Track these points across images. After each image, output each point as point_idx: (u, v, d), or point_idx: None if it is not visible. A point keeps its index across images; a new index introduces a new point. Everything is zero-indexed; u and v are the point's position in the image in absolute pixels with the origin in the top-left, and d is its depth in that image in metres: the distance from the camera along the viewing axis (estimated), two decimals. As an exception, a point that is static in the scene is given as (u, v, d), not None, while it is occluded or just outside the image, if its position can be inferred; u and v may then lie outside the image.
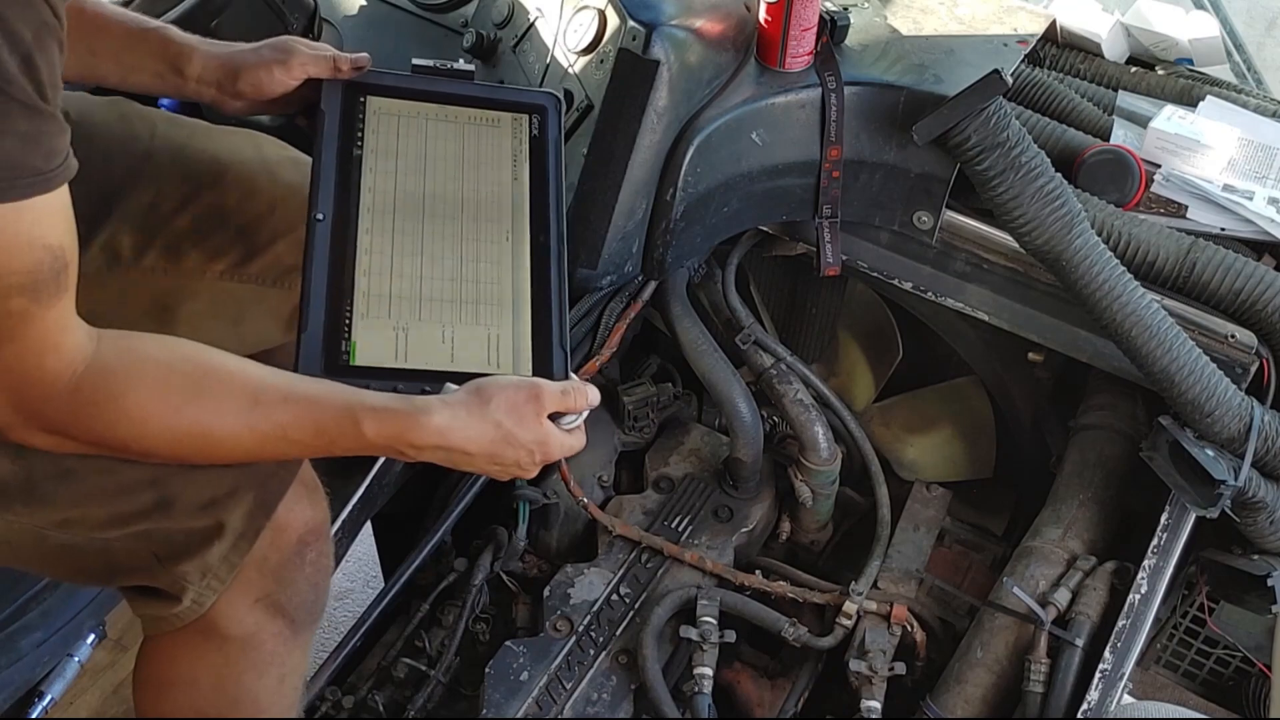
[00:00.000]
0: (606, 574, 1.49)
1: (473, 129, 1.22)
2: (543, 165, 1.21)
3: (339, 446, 0.99)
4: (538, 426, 1.03)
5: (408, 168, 1.17)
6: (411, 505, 1.61)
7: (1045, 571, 1.43)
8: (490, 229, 1.16)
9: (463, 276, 1.13)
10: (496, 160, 1.20)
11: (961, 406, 1.75)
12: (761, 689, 1.52)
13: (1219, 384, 1.32)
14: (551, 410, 1.04)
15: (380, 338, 1.07)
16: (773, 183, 1.45)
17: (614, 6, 1.39)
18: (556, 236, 1.17)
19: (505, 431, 1.01)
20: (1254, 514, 1.36)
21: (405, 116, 1.20)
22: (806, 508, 1.62)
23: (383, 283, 1.10)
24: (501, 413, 1.01)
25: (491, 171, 1.20)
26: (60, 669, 1.59)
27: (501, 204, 1.18)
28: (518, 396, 1.02)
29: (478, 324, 1.11)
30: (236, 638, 1.13)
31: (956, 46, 1.45)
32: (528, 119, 1.23)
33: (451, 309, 1.11)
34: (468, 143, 1.21)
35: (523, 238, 1.16)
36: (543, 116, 1.23)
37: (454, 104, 1.22)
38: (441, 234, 1.15)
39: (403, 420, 0.98)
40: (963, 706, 1.39)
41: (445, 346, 1.09)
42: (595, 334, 1.63)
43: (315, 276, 1.08)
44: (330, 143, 1.15)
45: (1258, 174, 1.45)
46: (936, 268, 1.50)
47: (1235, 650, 1.53)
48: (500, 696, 1.35)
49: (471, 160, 1.20)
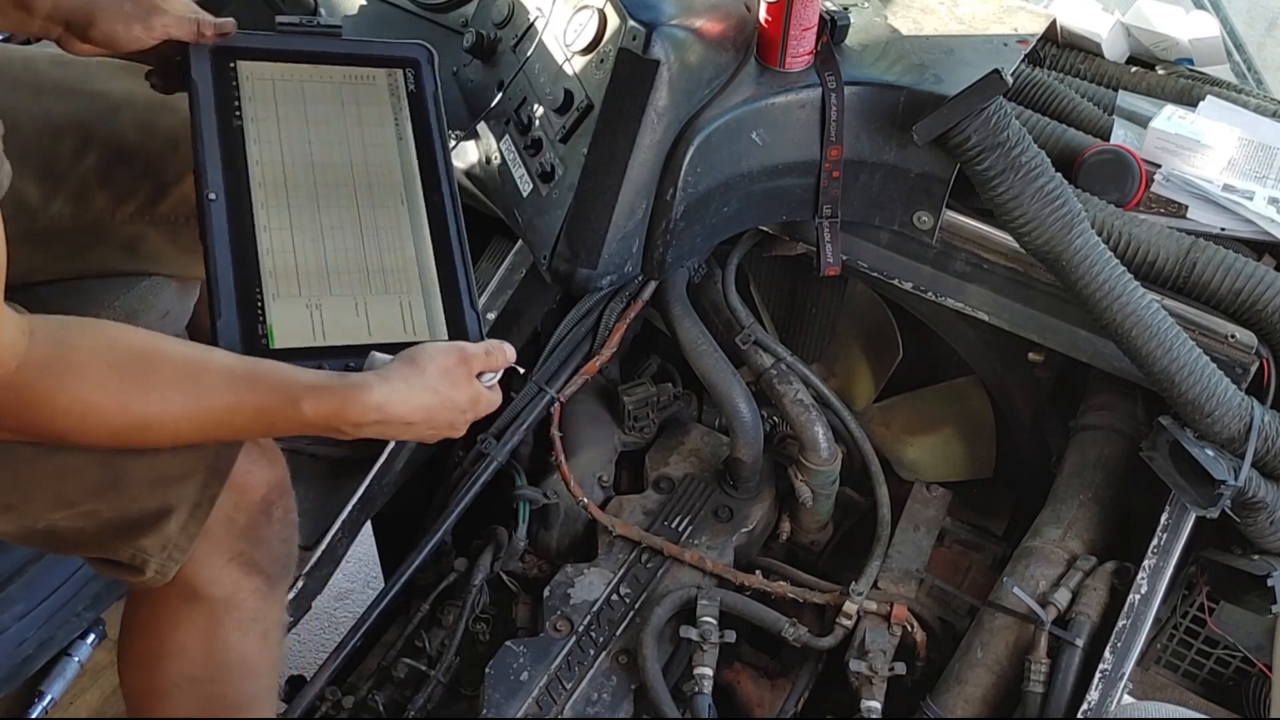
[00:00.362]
0: (606, 574, 1.49)
1: (349, 89, 1.20)
2: (424, 122, 1.19)
3: (278, 429, 1.01)
4: (469, 387, 1.05)
5: (291, 136, 1.15)
6: (411, 505, 1.61)
7: (1045, 571, 1.43)
8: (384, 195, 1.16)
9: (365, 246, 1.13)
10: (378, 121, 1.19)
11: (961, 406, 1.75)
12: (761, 689, 1.52)
13: (1219, 384, 1.32)
14: (479, 370, 1.06)
15: (296, 317, 1.07)
16: (773, 183, 1.45)
17: (614, 6, 1.39)
18: (449, 195, 1.16)
19: (442, 396, 1.03)
20: (1254, 514, 1.36)
21: (280, 80, 1.18)
22: (806, 508, 1.62)
23: (287, 260, 1.09)
24: (436, 379, 1.03)
25: (376, 134, 1.18)
26: (60, 669, 1.59)
27: (390, 168, 1.17)
28: (449, 361, 1.04)
29: (388, 292, 1.11)
30: (217, 599, 1.14)
31: (956, 46, 1.45)
32: (402, 74, 1.21)
33: (360, 280, 1.11)
34: (347, 105, 1.19)
35: (417, 200, 1.16)
36: (416, 70, 1.22)
37: (326, 63, 1.20)
38: (337, 205, 1.14)
39: (340, 398, 0.99)
40: (963, 706, 1.39)
41: (361, 319, 1.09)
42: (595, 334, 1.63)
43: (219, 259, 1.06)
44: (208, 114, 1.12)
45: (1258, 174, 1.45)
46: (936, 268, 1.50)
47: (1235, 650, 1.53)
48: (500, 696, 1.35)
49: (354, 124, 1.18)
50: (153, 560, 1.08)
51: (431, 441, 1.12)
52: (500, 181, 1.56)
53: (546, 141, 1.46)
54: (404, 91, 1.21)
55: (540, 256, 1.44)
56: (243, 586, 1.16)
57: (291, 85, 1.18)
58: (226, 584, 1.15)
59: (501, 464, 1.55)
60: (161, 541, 1.08)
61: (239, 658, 1.17)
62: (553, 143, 1.45)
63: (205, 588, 1.13)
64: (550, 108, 1.46)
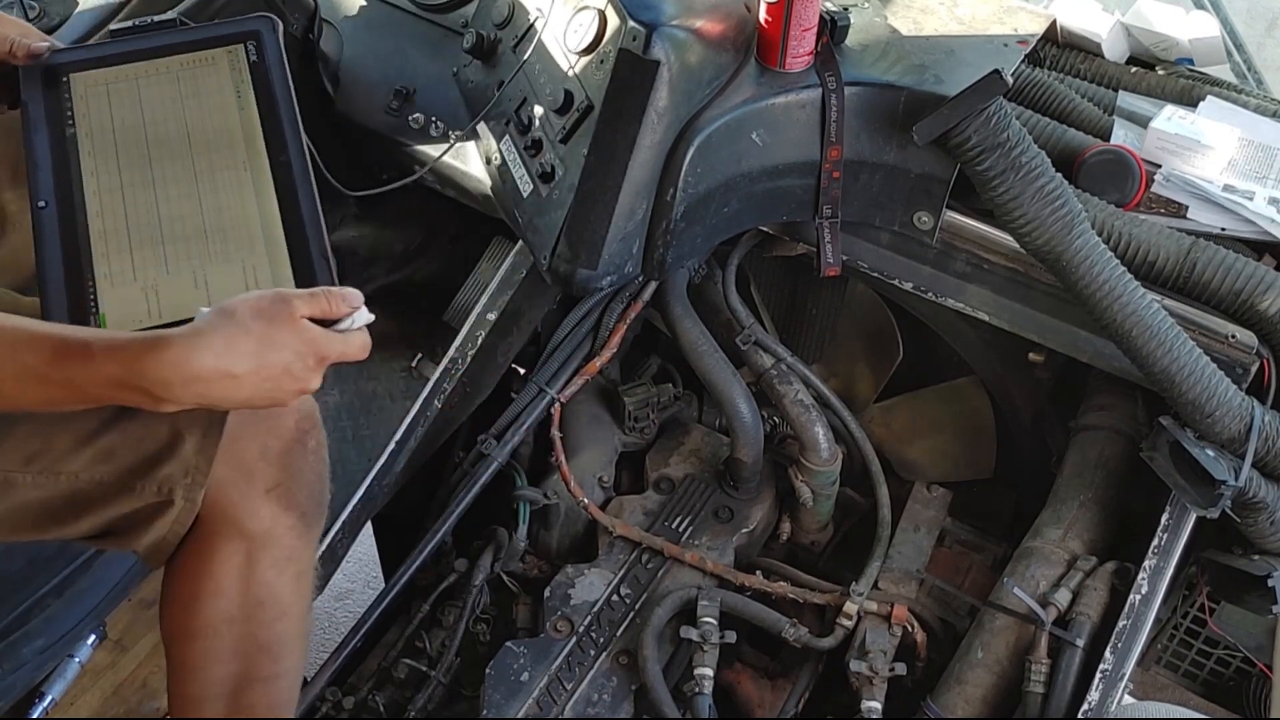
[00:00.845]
0: (607, 574, 1.49)
1: (188, 73, 1.18)
2: (268, 88, 1.16)
3: (79, 381, 0.94)
4: (294, 325, 0.97)
5: (125, 131, 1.14)
6: (411, 505, 1.61)
7: (1045, 572, 1.43)
8: (224, 160, 1.13)
9: (205, 214, 1.10)
10: (218, 94, 1.16)
11: (961, 407, 1.75)
12: (762, 689, 1.52)
13: (1219, 384, 1.32)
14: (306, 313, 0.98)
15: (129, 302, 1.05)
16: (773, 183, 1.44)
17: (614, 6, 1.39)
18: (297, 153, 1.13)
19: (259, 335, 0.95)
20: (1254, 514, 1.36)
21: (115, 83, 1.17)
22: (807, 508, 1.62)
23: (121, 245, 1.07)
24: (249, 318, 0.96)
25: (214, 106, 1.16)
26: (61, 670, 1.59)
27: (232, 135, 1.14)
28: (262, 301, 0.98)
29: (229, 260, 1.08)
30: (255, 534, 1.16)
31: (956, 46, 1.45)
32: (243, 48, 1.19)
33: (199, 248, 1.08)
34: (184, 86, 1.17)
35: (261, 164, 1.13)
36: (259, 41, 1.19)
37: (163, 55, 1.18)
38: (175, 178, 1.11)
39: (138, 346, 0.93)
40: (963, 707, 1.39)
41: (200, 290, 1.06)
42: (595, 334, 1.63)
43: (50, 260, 1.06)
44: (39, 130, 1.12)
45: (1258, 174, 1.45)
46: (937, 268, 1.50)
47: (1236, 650, 1.53)
48: (500, 697, 1.35)
49: (192, 102, 1.16)
50: (178, 486, 1.10)
51: (280, 401, 1.00)
52: (500, 181, 1.56)
53: (546, 142, 1.46)
54: (245, 63, 1.18)
55: (540, 257, 1.44)
56: (280, 522, 1.17)
57: (126, 85, 1.17)
58: (265, 517, 1.16)
59: (502, 464, 1.55)
60: (183, 466, 1.09)
61: (273, 596, 1.18)
62: (553, 143, 1.45)
63: (244, 521, 1.14)
64: (550, 108, 1.46)
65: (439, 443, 1.60)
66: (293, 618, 1.21)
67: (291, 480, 1.18)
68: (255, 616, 1.18)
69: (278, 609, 1.19)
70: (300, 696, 1.38)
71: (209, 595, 1.17)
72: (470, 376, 1.59)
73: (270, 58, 1.18)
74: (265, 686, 1.20)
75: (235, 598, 1.17)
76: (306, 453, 1.19)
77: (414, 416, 1.55)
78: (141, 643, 1.73)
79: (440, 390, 1.57)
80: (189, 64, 1.18)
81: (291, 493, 1.18)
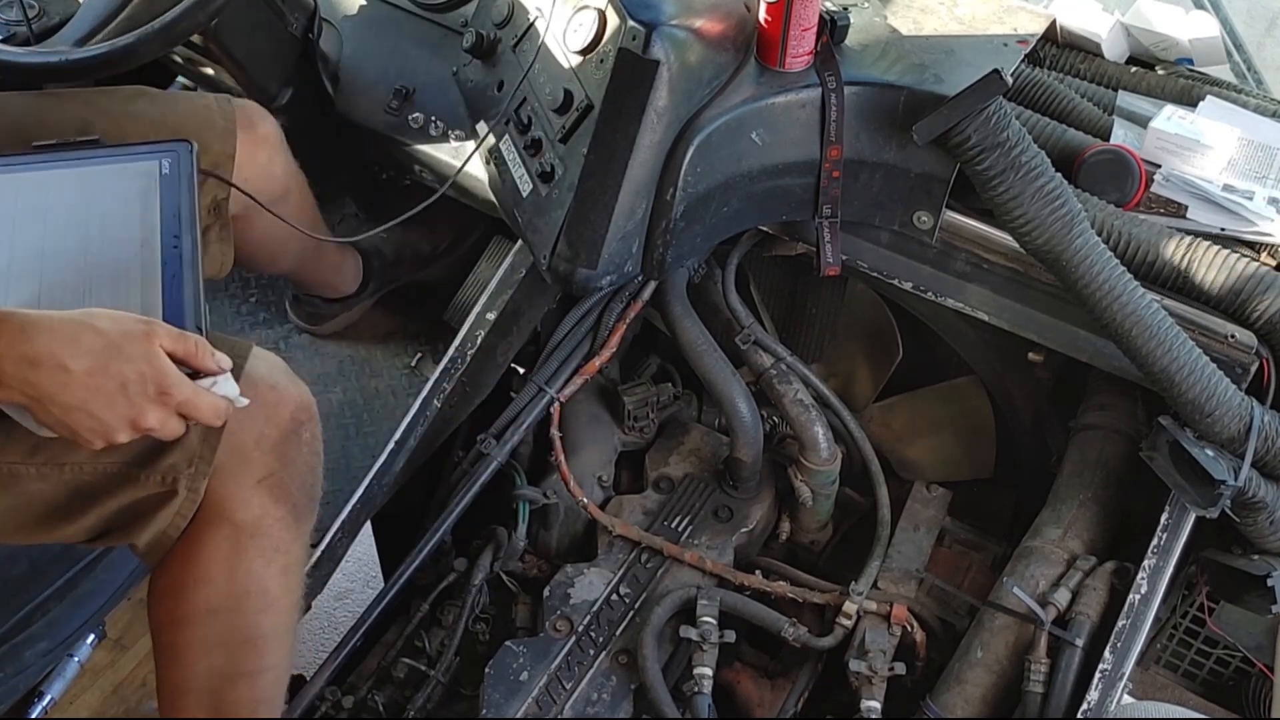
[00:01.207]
0: (606, 574, 1.49)
1: (98, 179, 1.22)
2: (175, 192, 1.20)
3: None
4: (148, 344, 0.94)
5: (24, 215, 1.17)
6: (411, 505, 1.61)
7: (1045, 571, 1.43)
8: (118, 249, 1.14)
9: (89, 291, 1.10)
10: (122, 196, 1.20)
11: (961, 406, 1.75)
12: (761, 689, 1.52)
13: (1219, 384, 1.32)
14: (168, 346, 0.97)
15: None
16: (773, 183, 1.45)
17: (614, 6, 1.39)
18: (190, 248, 1.14)
19: (109, 339, 0.93)
20: (1254, 514, 1.36)
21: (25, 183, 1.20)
22: (806, 508, 1.62)
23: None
24: (106, 321, 0.94)
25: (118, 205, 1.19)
26: (60, 669, 1.59)
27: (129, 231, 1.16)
28: (129, 319, 0.96)
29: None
30: (244, 523, 1.16)
31: (956, 46, 1.45)
32: (158, 163, 1.23)
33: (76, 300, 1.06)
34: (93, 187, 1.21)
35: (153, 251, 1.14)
36: (174, 158, 1.23)
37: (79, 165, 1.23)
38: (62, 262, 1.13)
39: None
40: (963, 706, 1.39)
41: None
42: (595, 334, 1.63)
43: None
44: None
45: (1258, 174, 1.45)
46: (936, 268, 1.50)
47: (1235, 650, 1.53)
48: (500, 696, 1.35)
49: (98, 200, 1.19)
50: (182, 476, 1.11)
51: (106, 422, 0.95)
52: (500, 181, 1.56)
53: (546, 141, 1.46)
54: (157, 173, 1.22)
55: (540, 256, 1.44)
56: (270, 513, 1.17)
57: (34, 185, 1.20)
58: (255, 507, 1.16)
59: (501, 464, 1.55)
60: (186, 455, 1.10)
61: (260, 587, 1.18)
62: (553, 143, 1.45)
63: (234, 510, 1.15)
64: (550, 108, 1.46)
65: (438, 442, 1.60)
66: (279, 611, 1.21)
67: (285, 471, 1.18)
68: (241, 607, 1.18)
69: (264, 600, 1.19)
70: (299, 696, 1.38)
71: (196, 582, 1.17)
72: (470, 376, 1.59)
73: (182, 171, 1.22)
74: (250, 682, 1.20)
75: (222, 586, 1.17)
76: (301, 445, 1.20)
77: (413, 416, 1.55)
78: (141, 642, 1.73)
79: (440, 389, 1.57)
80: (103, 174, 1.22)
81: (284, 484, 1.18)
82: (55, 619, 1.49)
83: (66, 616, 1.52)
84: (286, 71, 1.66)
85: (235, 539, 1.17)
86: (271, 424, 1.17)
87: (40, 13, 1.70)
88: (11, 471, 1.10)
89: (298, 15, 1.63)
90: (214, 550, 1.16)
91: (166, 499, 1.13)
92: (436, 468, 1.63)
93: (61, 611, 1.50)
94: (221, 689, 1.19)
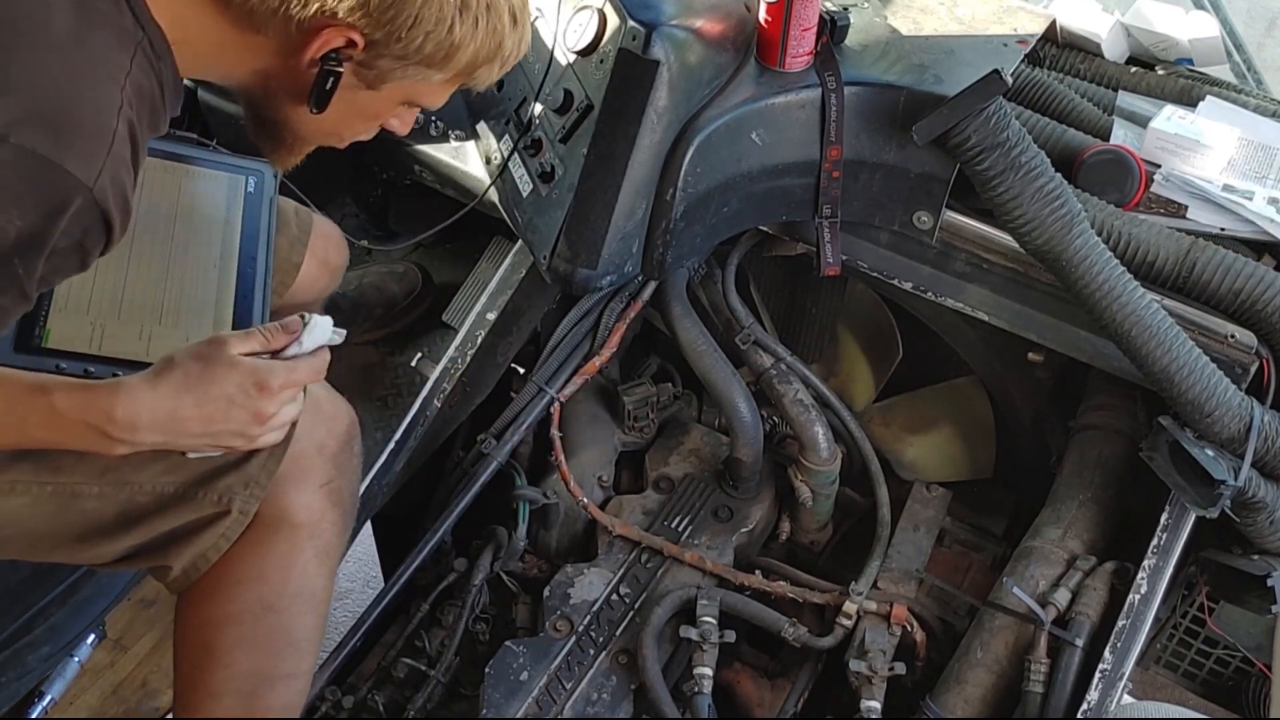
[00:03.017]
0: (606, 574, 1.49)
1: (189, 179, 1.31)
2: (253, 216, 1.30)
3: (32, 424, 1.01)
4: (230, 361, 1.03)
5: None
6: (411, 505, 1.61)
7: (1045, 571, 1.43)
8: (198, 254, 1.25)
9: (167, 288, 1.21)
10: (212, 205, 1.30)
11: (961, 406, 1.75)
12: (761, 689, 1.52)
13: (1219, 384, 1.32)
14: (242, 350, 1.04)
15: (76, 327, 1.13)
16: (773, 183, 1.44)
17: (614, 6, 1.39)
18: (263, 270, 1.25)
19: (197, 374, 1.02)
20: (1254, 514, 1.36)
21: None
22: (806, 508, 1.62)
23: (84, 284, 1.16)
24: (187, 360, 1.02)
25: (205, 214, 1.29)
26: (60, 669, 1.59)
27: (211, 239, 1.27)
28: (198, 345, 1.04)
29: (176, 327, 1.18)
30: (304, 524, 1.20)
31: (956, 46, 1.45)
32: (245, 179, 1.33)
33: (152, 313, 1.18)
34: (184, 186, 1.30)
35: (230, 267, 1.25)
36: (260, 179, 1.34)
37: (176, 160, 1.32)
38: (151, 251, 1.22)
39: (93, 392, 1.00)
40: (963, 706, 1.39)
41: (142, 342, 1.15)
42: (595, 334, 1.63)
43: None
44: None
45: (1258, 174, 1.45)
46: (936, 268, 1.50)
47: (1235, 650, 1.53)
48: (500, 696, 1.35)
49: (187, 200, 1.29)
50: (237, 497, 1.14)
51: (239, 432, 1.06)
52: (500, 181, 1.56)
53: (546, 141, 1.46)
54: (243, 190, 1.32)
55: (540, 256, 1.44)
56: (327, 516, 1.21)
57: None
58: (316, 509, 1.20)
59: (501, 464, 1.55)
60: (244, 479, 1.14)
61: (311, 588, 1.21)
62: (553, 143, 1.45)
63: (296, 513, 1.18)
64: (550, 108, 1.46)
65: (438, 442, 1.60)
66: (320, 615, 1.24)
67: (341, 477, 1.23)
68: (292, 607, 1.20)
69: (312, 601, 1.22)
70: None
71: (251, 580, 1.19)
72: (470, 376, 1.59)
73: (265, 192, 1.33)
74: (286, 685, 1.21)
75: (276, 585, 1.19)
76: (353, 456, 1.26)
77: (413, 416, 1.55)
78: (141, 642, 1.73)
79: (440, 390, 1.57)
80: (194, 175, 1.32)
81: (340, 490, 1.23)
82: (57, 623, 1.50)
83: (69, 621, 1.52)
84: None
85: (294, 539, 1.19)
86: (331, 434, 1.22)
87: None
88: (75, 491, 1.12)
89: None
90: (271, 550, 1.18)
91: (216, 520, 1.15)
92: (436, 468, 1.63)
93: (64, 616, 1.50)
94: (258, 691, 1.19)
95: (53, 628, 1.49)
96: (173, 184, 1.30)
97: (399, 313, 1.96)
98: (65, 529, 1.15)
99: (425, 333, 1.98)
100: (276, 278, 1.40)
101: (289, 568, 1.19)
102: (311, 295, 1.52)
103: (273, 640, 1.20)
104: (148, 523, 1.15)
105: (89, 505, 1.13)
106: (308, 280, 1.47)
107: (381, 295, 1.94)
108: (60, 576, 1.48)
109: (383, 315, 1.94)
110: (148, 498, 1.14)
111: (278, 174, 1.34)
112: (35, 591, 1.45)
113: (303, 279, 1.46)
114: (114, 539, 1.16)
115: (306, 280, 1.47)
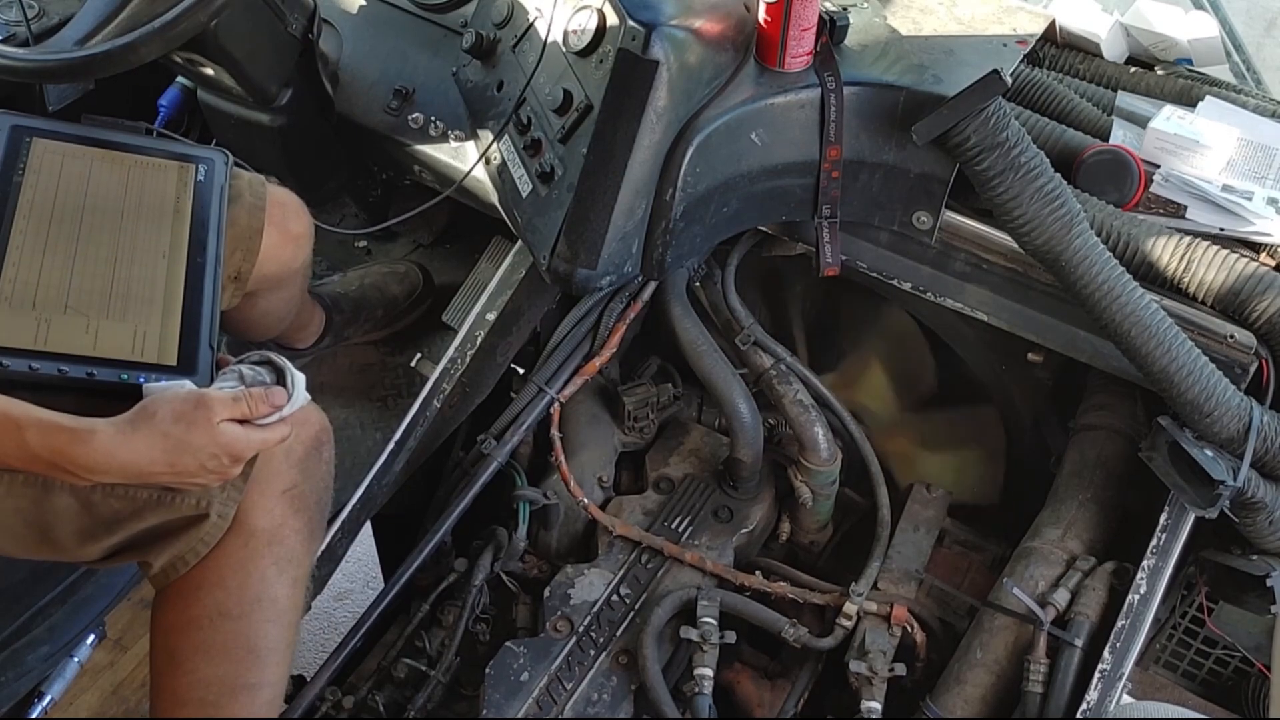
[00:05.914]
0: (606, 574, 1.49)
1: (138, 170, 1.30)
2: (204, 205, 1.29)
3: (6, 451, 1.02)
4: (210, 429, 1.04)
5: (68, 198, 1.24)
6: (411, 505, 1.61)
7: (1045, 572, 1.43)
8: (147, 244, 1.24)
9: (115, 280, 1.20)
10: (160, 195, 1.28)
11: (975, 436, 1.74)
12: (761, 689, 1.52)
13: (1218, 384, 1.32)
14: (225, 416, 1.06)
15: (20, 324, 1.13)
16: (772, 183, 1.45)
17: (613, 6, 1.39)
18: (213, 261, 1.24)
19: (176, 440, 1.03)
20: (1253, 514, 1.36)
21: (70, 156, 1.28)
22: (806, 508, 1.62)
23: (30, 277, 1.16)
24: (168, 423, 1.03)
25: (153, 203, 1.27)
26: (60, 669, 1.59)
27: (161, 231, 1.25)
28: (184, 405, 1.05)
29: (124, 319, 1.17)
30: (263, 530, 1.19)
31: (956, 46, 1.45)
32: (194, 167, 1.31)
33: (99, 304, 1.17)
34: (131, 177, 1.29)
35: (179, 257, 1.24)
36: (210, 166, 1.32)
37: (124, 151, 1.30)
38: (98, 242, 1.22)
39: (66, 435, 1.01)
40: (962, 707, 1.39)
41: (89, 336, 1.14)
42: (595, 334, 1.63)
43: None
44: None
45: (1257, 174, 1.45)
46: (936, 268, 1.50)
47: (1234, 650, 1.53)
48: (500, 697, 1.35)
49: (134, 194, 1.28)
50: (215, 501, 1.14)
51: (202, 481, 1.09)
52: (500, 181, 1.56)
53: (546, 142, 1.46)
54: (192, 180, 1.31)
55: (540, 256, 1.44)
56: (288, 524, 1.21)
57: (80, 160, 1.28)
58: (276, 516, 1.20)
59: (501, 464, 1.55)
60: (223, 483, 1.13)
61: (270, 596, 1.20)
62: (552, 143, 1.45)
63: (255, 518, 1.18)
64: (550, 108, 1.46)
65: (438, 442, 1.60)
66: (285, 625, 1.23)
67: (306, 483, 1.22)
68: (251, 615, 1.19)
69: (273, 610, 1.21)
70: (300, 696, 1.38)
71: (209, 586, 1.18)
72: (469, 376, 1.59)
73: (216, 181, 1.31)
74: (249, 696, 1.20)
75: (233, 590, 1.18)
76: (320, 461, 1.24)
77: (413, 416, 1.55)
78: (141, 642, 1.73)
79: (440, 390, 1.57)
80: (141, 165, 1.31)
81: (304, 496, 1.22)
82: (57, 623, 1.50)
83: (68, 621, 1.52)
84: (286, 72, 1.66)
85: (252, 545, 1.19)
86: (298, 439, 1.21)
87: (40, 13, 1.70)
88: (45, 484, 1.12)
89: (297, 16, 1.63)
90: (229, 555, 1.18)
91: (195, 523, 1.15)
92: (436, 468, 1.63)
93: (63, 616, 1.50)
94: (220, 701, 1.19)
95: (52, 628, 1.49)
96: (120, 174, 1.29)
97: (400, 313, 1.96)
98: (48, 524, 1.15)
99: (425, 333, 1.98)
100: (240, 248, 1.40)
101: (246, 574, 1.19)
102: (278, 267, 1.50)
103: (232, 648, 1.19)
104: (128, 523, 1.16)
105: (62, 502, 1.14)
106: (271, 250, 1.45)
107: (383, 296, 1.93)
108: (59, 576, 1.48)
109: (384, 316, 1.94)
110: (122, 501, 1.14)
111: (229, 161, 1.33)
112: (34, 591, 1.45)
113: (266, 249, 1.44)
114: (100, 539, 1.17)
115: (270, 250, 1.45)
